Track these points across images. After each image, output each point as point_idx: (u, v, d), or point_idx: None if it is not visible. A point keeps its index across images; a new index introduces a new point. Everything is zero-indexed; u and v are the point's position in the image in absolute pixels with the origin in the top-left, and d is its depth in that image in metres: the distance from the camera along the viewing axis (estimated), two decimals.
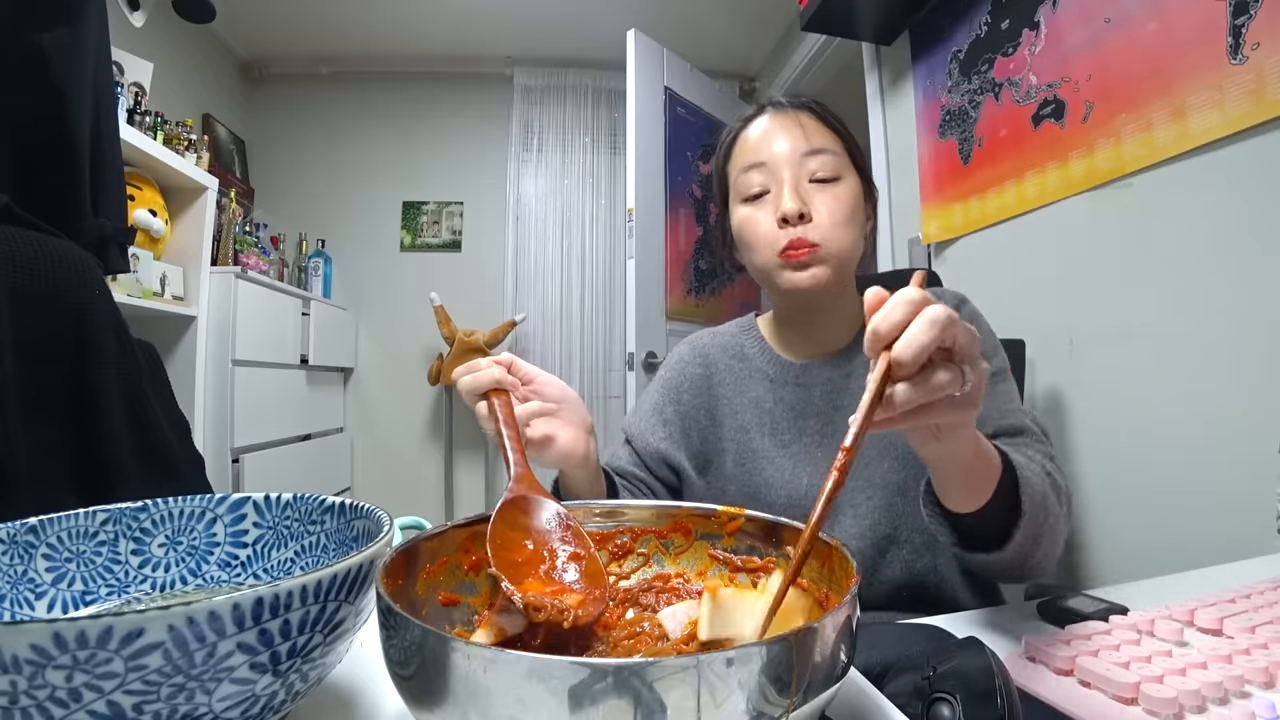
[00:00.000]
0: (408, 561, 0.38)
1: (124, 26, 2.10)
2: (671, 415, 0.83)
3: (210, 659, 0.27)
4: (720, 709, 0.24)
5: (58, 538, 0.42)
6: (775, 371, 0.79)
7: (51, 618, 0.29)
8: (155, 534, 0.45)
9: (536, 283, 3.00)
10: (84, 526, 0.43)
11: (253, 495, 0.47)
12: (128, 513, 0.44)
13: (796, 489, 0.74)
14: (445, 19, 2.71)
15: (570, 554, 0.42)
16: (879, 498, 0.72)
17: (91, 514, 0.43)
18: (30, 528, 0.41)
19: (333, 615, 0.32)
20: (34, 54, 0.73)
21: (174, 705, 0.27)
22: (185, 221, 1.98)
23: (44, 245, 0.69)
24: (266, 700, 0.30)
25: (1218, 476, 0.95)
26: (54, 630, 0.24)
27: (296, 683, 0.31)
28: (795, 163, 0.71)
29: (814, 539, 0.36)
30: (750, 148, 0.74)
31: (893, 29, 1.72)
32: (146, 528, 0.45)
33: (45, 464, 0.66)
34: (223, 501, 0.46)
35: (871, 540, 0.72)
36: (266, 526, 0.46)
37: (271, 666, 0.29)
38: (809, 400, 0.77)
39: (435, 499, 2.99)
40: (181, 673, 0.26)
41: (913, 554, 0.72)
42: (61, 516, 0.42)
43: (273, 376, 2.28)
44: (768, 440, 0.77)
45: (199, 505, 0.46)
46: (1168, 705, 0.37)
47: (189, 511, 0.46)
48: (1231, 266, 0.94)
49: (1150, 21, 1.03)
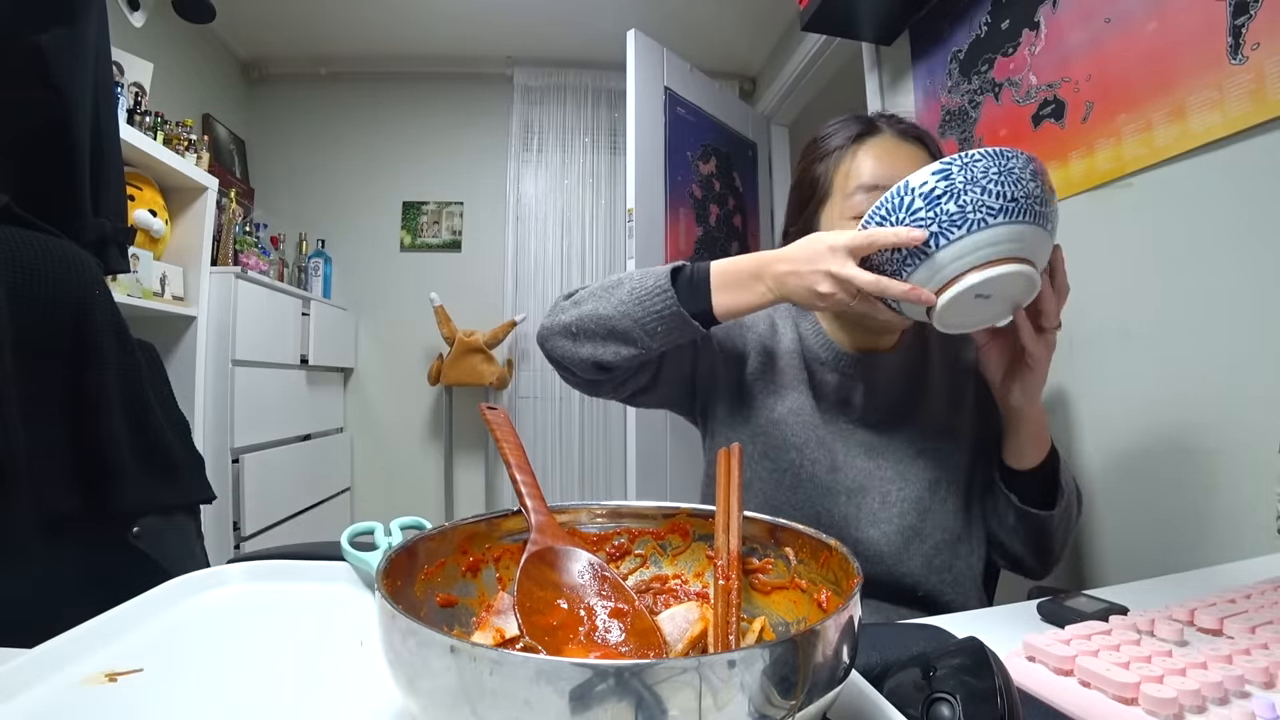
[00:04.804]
0: (408, 562, 0.38)
1: (124, 26, 2.10)
2: (737, 336, 0.83)
3: None
4: (723, 711, 0.24)
5: None
6: (827, 356, 0.81)
7: None
8: None
9: (536, 283, 3.00)
10: None
11: None
12: None
13: (836, 456, 0.77)
14: (445, 19, 2.71)
15: (611, 610, 0.38)
16: (910, 490, 0.75)
17: None
18: None
19: None
20: (34, 54, 0.73)
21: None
22: (185, 221, 1.98)
23: (44, 245, 0.69)
24: None
25: (1218, 476, 0.95)
26: None
27: None
28: None
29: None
30: (869, 168, 0.73)
31: (893, 29, 1.72)
32: None
33: (45, 464, 0.66)
34: None
35: (898, 528, 0.74)
36: None
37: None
38: (852, 392, 0.79)
39: (435, 499, 2.99)
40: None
41: (933, 550, 0.75)
42: None
43: (273, 376, 2.27)
44: (815, 410, 0.79)
45: None
46: (1168, 705, 0.37)
47: None
48: (1232, 266, 0.94)
49: (1150, 21, 1.03)
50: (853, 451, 0.77)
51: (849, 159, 0.75)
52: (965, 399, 0.82)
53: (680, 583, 0.46)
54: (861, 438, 0.77)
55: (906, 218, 0.58)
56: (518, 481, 0.45)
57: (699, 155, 2.46)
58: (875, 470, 0.76)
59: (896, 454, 0.77)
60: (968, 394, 0.82)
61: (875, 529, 0.74)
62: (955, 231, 0.56)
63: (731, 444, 0.49)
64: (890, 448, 0.77)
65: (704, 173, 2.48)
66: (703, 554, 0.46)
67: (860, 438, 0.77)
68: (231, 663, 0.43)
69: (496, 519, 0.44)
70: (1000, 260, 0.57)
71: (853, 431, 0.78)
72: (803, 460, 0.76)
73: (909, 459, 0.76)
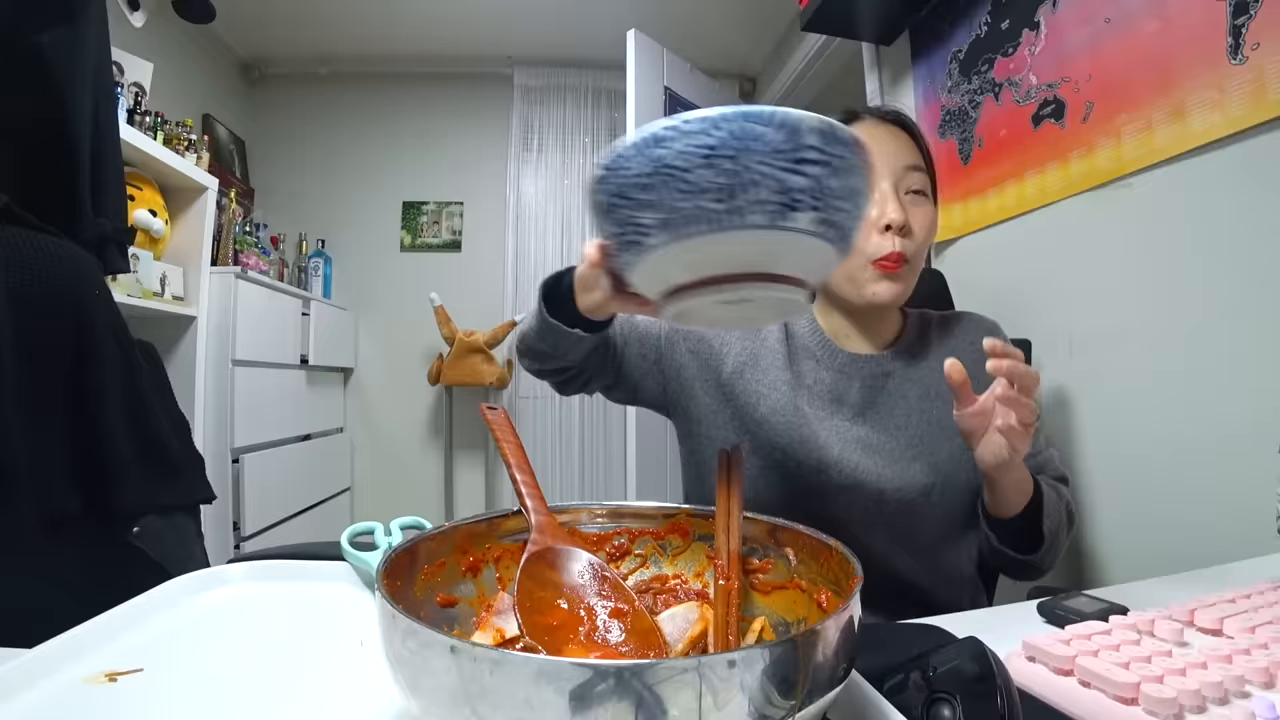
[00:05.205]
0: (408, 562, 0.38)
1: (124, 26, 2.09)
2: (711, 336, 0.80)
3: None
4: (722, 711, 0.24)
5: None
6: (822, 353, 0.79)
7: None
8: None
9: (536, 283, 2.96)
10: None
11: None
12: None
13: (828, 455, 0.74)
14: (445, 19, 2.71)
15: (611, 610, 0.38)
16: (905, 493, 0.74)
17: None
18: None
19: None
20: (34, 54, 0.73)
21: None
22: (185, 221, 1.98)
23: (44, 245, 0.69)
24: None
25: (1218, 476, 0.95)
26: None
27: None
28: (899, 173, 0.72)
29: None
30: None
31: (893, 29, 1.72)
32: None
33: (45, 464, 0.66)
34: None
35: (890, 530, 0.73)
36: None
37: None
38: (848, 390, 0.77)
39: (435, 499, 2.99)
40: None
41: (925, 550, 0.75)
42: None
43: (273, 376, 2.27)
44: (805, 407, 0.77)
45: None
46: (1168, 705, 0.37)
47: None
48: (1232, 266, 0.94)
49: (1150, 21, 1.03)
50: (847, 449, 0.74)
51: None
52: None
53: (680, 583, 0.45)
54: (857, 435, 0.76)
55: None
56: (518, 481, 0.45)
57: None
58: (870, 469, 0.74)
59: (892, 454, 0.75)
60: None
61: (867, 530, 0.73)
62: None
63: (726, 443, 0.49)
64: (886, 447, 0.75)
65: None
66: (703, 554, 0.46)
67: (855, 435, 0.76)
68: (231, 663, 0.43)
69: (496, 519, 0.44)
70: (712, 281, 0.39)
71: (848, 429, 0.76)
72: (787, 459, 0.74)
73: (905, 460, 0.74)
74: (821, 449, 0.74)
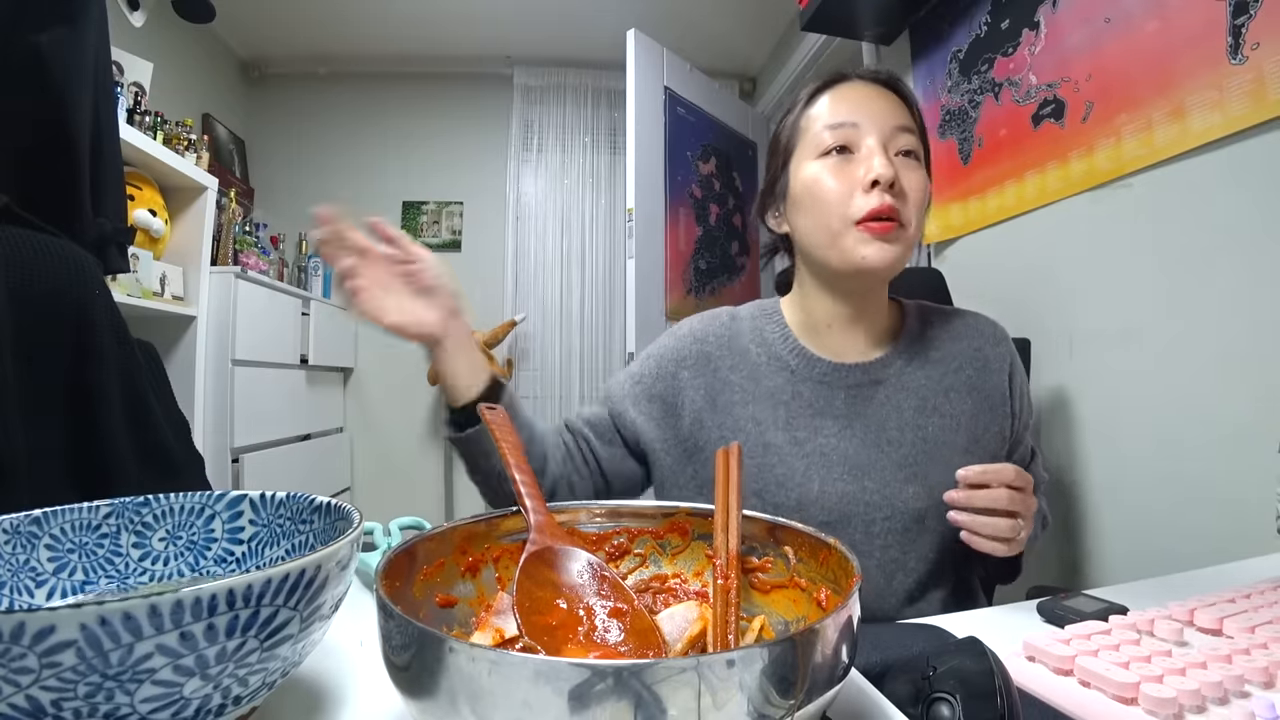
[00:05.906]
0: (407, 562, 0.38)
1: (124, 26, 2.10)
2: (662, 390, 0.74)
3: (128, 660, 0.26)
4: (722, 711, 0.24)
5: (61, 529, 0.42)
6: (798, 364, 0.72)
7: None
8: (156, 528, 0.45)
9: (536, 283, 3.00)
10: (87, 519, 0.43)
11: (249, 493, 0.46)
12: (130, 507, 0.44)
13: (808, 492, 0.68)
14: (445, 19, 2.71)
15: (611, 610, 0.38)
16: (897, 521, 0.68)
17: (95, 508, 0.43)
18: (34, 519, 0.41)
19: (270, 619, 0.29)
20: (34, 54, 0.73)
21: (93, 704, 0.26)
22: (185, 221, 1.98)
23: (44, 245, 0.69)
24: (200, 703, 0.29)
25: (1218, 476, 0.95)
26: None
27: (234, 687, 0.30)
28: (888, 132, 0.67)
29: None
30: (840, 106, 0.69)
31: (893, 29, 1.72)
32: (148, 521, 0.45)
33: (45, 464, 0.66)
34: (221, 499, 0.46)
35: (879, 562, 0.68)
36: (261, 524, 0.46)
37: (199, 670, 0.28)
38: (830, 401, 0.71)
39: (435, 499, 2.99)
40: (97, 672, 0.25)
41: (915, 582, 0.69)
42: (66, 509, 0.42)
43: (272, 376, 2.27)
44: (782, 435, 0.70)
45: (199, 501, 0.46)
46: (1167, 705, 0.37)
47: (189, 507, 0.46)
48: (1232, 266, 0.94)
49: (1150, 21, 1.03)
50: (830, 479, 0.68)
51: (815, 105, 0.72)
52: (961, 415, 0.72)
53: (679, 582, 0.45)
54: (843, 454, 0.69)
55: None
56: (517, 481, 0.45)
57: (699, 155, 2.46)
58: (859, 495, 0.68)
59: (882, 475, 0.68)
60: (965, 409, 0.72)
61: (859, 562, 0.69)
62: None
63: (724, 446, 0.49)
64: (876, 466, 0.69)
65: (704, 172, 2.48)
66: (702, 553, 0.46)
67: (841, 455, 0.69)
68: None
69: (496, 519, 0.44)
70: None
71: (832, 448, 0.69)
72: (763, 504, 0.67)
73: (899, 485, 0.68)
74: (800, 486, 0.68)
